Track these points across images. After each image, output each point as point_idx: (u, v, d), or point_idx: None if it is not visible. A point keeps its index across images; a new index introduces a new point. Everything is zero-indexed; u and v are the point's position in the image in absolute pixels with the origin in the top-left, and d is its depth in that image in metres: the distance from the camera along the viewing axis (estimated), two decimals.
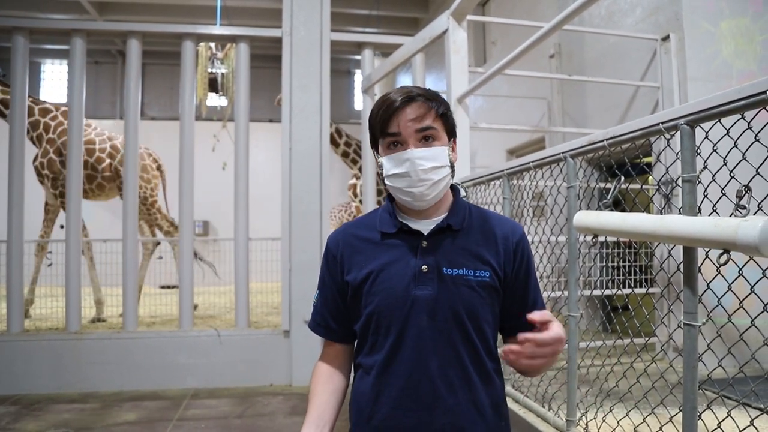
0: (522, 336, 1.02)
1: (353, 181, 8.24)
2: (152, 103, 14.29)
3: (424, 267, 1.19)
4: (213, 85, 7.48)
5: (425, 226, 1.23)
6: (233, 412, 4.17)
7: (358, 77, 14.80)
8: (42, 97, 14.27)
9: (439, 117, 1.20)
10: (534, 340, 1.01)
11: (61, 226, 6.31)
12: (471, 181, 3.32)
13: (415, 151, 1.17)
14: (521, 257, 1.26)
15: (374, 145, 1.27)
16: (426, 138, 1.19)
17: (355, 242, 1.27)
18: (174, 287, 5.69)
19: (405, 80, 10.33)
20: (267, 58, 12.00)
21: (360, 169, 6.78)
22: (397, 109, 1.18)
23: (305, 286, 4.91)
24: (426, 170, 1.17)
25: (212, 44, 6.81)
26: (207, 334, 5.00)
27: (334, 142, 6.93)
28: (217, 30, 5.73)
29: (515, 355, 1.02)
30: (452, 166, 1.23)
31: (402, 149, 1.18)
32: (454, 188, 1.31)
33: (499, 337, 1.36)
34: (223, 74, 7.37)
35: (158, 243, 6.87)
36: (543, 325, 1.05)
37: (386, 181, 1.21)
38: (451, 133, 1.24)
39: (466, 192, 3.44)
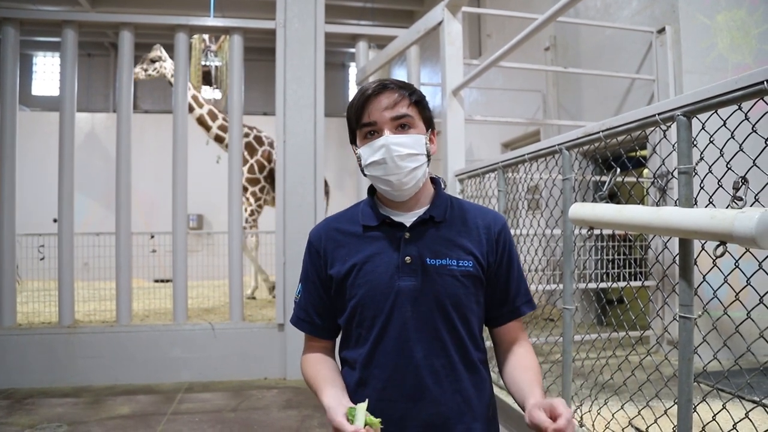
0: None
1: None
2: (145, 96, 14.17)
3: (407, 258, 1.19)
4: (207, 78, 7.44)
5: (407, 219, 1.23)
6: (227, 406, 4.16)
7: (353, 71, 14.74)
8: (34, 91, 14.19)
9: (413, 105, 1.20)
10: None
11: (54, 220, 6.26)
12: (466, 173, 3.31)
13: (390, 138, 1.16)
14: (503, 246, 1.27)
15: (353, 140, 1.26)
16: (402, 126, 1.18)
17: (338, 236, 1.27)
18: (168, 281, 5.66)
19: (400, 73, 10.29)
20: (261, 51, 11.92)
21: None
22: (370, 98, 1.18)
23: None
24: (402, 156, 1.16)
25: (206, 36, 6.76)
26: (201, 327, 4.98)
27: (204, 124, 6.43)
28: (211, 21, 5.68)
29: None
30: (429, 156, 1.22)
31: (378, 137, 1.18)
32: (435, 181, 1.31)
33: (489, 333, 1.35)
34: (217, 67, 7.32)
35: (152, 236, 6.83)
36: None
37: (365, 171, 1.21)
38: (429, 124, 1.24)
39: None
